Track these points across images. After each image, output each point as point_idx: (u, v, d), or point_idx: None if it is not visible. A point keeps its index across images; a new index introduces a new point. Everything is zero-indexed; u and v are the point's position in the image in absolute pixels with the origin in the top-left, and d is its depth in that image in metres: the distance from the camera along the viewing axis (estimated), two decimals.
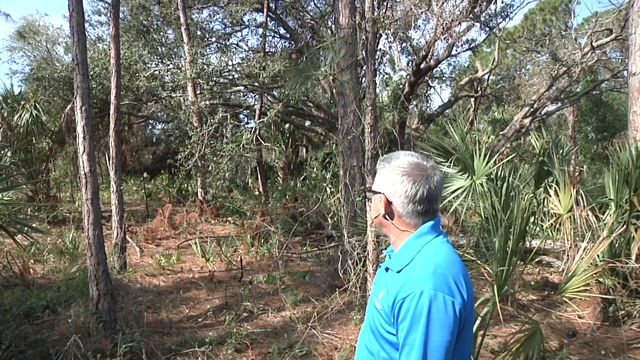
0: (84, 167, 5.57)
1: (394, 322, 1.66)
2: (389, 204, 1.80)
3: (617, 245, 5.18)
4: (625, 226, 5.07)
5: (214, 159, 12.10)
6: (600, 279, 5.16)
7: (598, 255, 4.71)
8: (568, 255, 4.82)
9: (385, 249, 2.01)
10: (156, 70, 14.13)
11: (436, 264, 1.66)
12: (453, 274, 1.67)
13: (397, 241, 1.83)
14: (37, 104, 11.74)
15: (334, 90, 12.88)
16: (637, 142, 6.39)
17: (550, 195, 5.23)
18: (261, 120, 13.01)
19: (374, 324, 1.76)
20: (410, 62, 16.89)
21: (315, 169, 17.07)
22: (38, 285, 7.18)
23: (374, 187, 1.86)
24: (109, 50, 9.81)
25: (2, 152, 11.07)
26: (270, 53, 15.69)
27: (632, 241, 5.12)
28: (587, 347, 5.15)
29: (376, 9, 10.86)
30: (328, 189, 10.57)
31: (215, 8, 15.66)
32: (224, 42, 15.80)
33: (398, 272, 1.72)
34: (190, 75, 12.09)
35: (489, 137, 18.06)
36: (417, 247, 1.74)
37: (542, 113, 16.75)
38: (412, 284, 1.62)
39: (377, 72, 16.09)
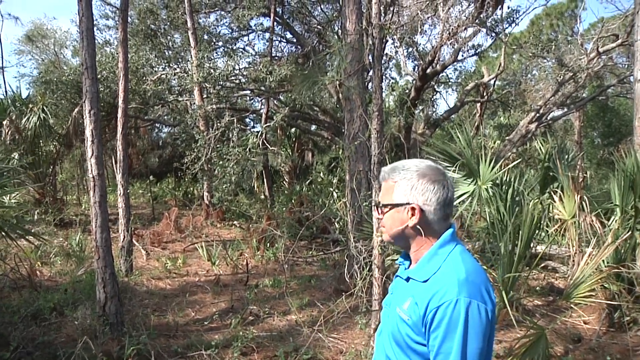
0: (92, 170, 5.62)
1: (424, 332, 1.67)
2: (422, 213, 1.79)
3: (622, 251, 5.19)
4: (630, 232, 5.08)
5: (220, 162, 12.14)
6: (606, 285, 5.16)
7: (603, 261, 4.72)
8: (573, 261, 4.83)
9: (395, 255, 2.03)
10: (163, 74, 14.21)
11: (467, 272, 1.68)
12: (482, 281, 1.69)
13: (420, 251, 1.82)
14: (44, 107, 11.82)
15: (340, 95, 12.91)
16: None
17: (555, 201, 5.25)
18: (267, 124, 13.06)
19: (399, 335, 1.74)
20: (417, 67, 16.91)
21: (321, 174, 17.09)
22: (45, 288, 7.23)
23: (395, 199, 1.82)
24: (117, 54, 9.89)
25: (10, 154, 11.15)
26: (276, 57, 15.74)
27: (637, 247, 5.13)
28: (592, 353, 5.15)
29: (383, 15, 10.89)
30: (334, 194, 10.61)
31: (222, 12, 15.73)
32: (230, 47, 15.86)
33: (424, 281, 1.72)
34: (197, 79, 12.14)
35: (494, 142, 18.05)
36: (443, 256, 1.75)
37: (548, 118, 16.73)
38: (445, 292, 1.63)
39: (384, 78, 16.14)
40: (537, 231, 4.32)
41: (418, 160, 1.86)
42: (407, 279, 1.82)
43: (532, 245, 4.26)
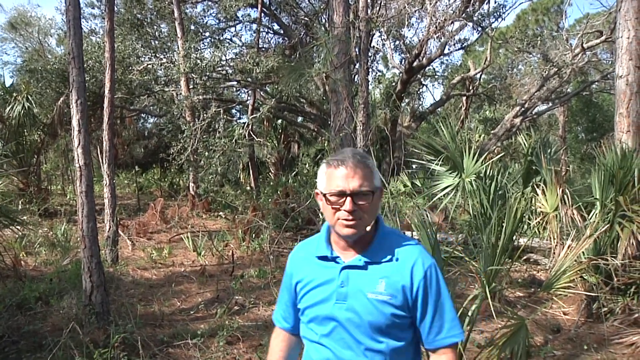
0: (78, 160, 5.61)
1: (410, 302, 1.83)
2: None
3: (601, 243, 5.30)
4: (609, 225, 5.19)
5: (206, 153, 12.15)
6: (585, 277, 5.28)
7: (583, 253, 4.83)
8: (554, 253, 4.93)
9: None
10: (149, 64, 14.14)
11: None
12: None
13: (368, 234, 1.90)
14: (29, 96, 11.72)
15: (326, 87, 12.95)
16: (623, 143, 6.52)
17: (537, 194, 5.35)
18: (254, 115, 13.07)
19: (382, 318, 1.81)
20: (403, 60, 17.00)
21: (307, 165, 17.12)
22: (30, 277, 7.20)
23: (377, 183, 1.85)
24: (103, 44, 9.82)
25: None
26: (263, 49, 15.75)
27: (617, 240, 5.24)
28: (571, 343, 5.28)
29: (370, 7, 10.91)
30: None
31: (210, 3, 15.70)
32: (217, 37, 15.83)
33: (389, 260, 1.86)
34: (184, 69, 12.10)
35: (480, 136, 18.20)
36: (391, 235, 1.93)
37: (533, 113, 16.91)
38: (423, 259, 1.86)
39: (370, 70, 16.20)
40: (520, 224, 4.39)
41: (350, 149, 1.97)
42: (365, 266, 1.86)
43: (514, 238, 4.34)
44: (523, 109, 15.84)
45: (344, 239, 1.87)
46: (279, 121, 18.39)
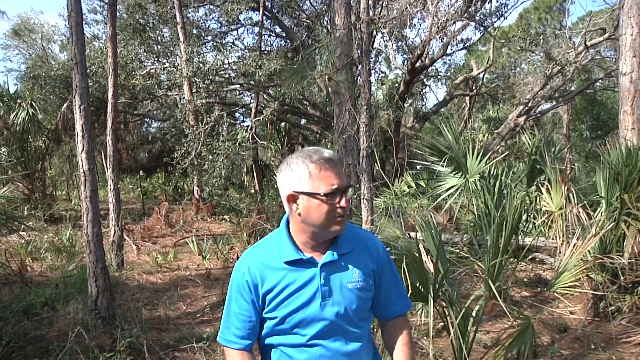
0: (83, 165, 5.62)
1: (377, 280, 2.03)
2: None
3: (606, 242, 5.27)
4: (615, 223, 5.16)
5: (210, 157, 12.16)
6: (591, 275, 5.26)
7: (588, 252, 4.81)
8: (560, 252, 4.91)
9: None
10: (152, 69, 14.18)
11: None
12: None
13: None
14: (33, 103, 11.76)
15: (329, 89, 12.95)
16: (627, 141, 6.50)
17: (542, 193, 5.33)
18: (257, 118, 13.08)
19: (362, 304, 1.96)
20: (406, 61, 16.98)
21: None
22: (36, 283, 7.21)
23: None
24: (106, 49, 9.85)
25: None
26: (266, 52, 15.75)
27: (623, 238, 5.22)
28: (578, 342, 5.25)
29: (372, 8, 10.92)
30: None
31: (212, 6, 15.70)
32: (220, 41, 15.84)
33: (353, 250, 1.98)
34: (187, 73, 12.12)
35: (483, 136, 18.17)
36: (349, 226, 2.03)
37: (537, 112, 16.88)
38: (377, 243, 2.08)
39: (373, 71, 16.20)
40: (521, 222, 4.38)
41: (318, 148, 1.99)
42: (339, 259, 1.94)
43: (518, 236, 4.32)
44: (527, 107, 15.82)
45: (325, 237, 1.93)
46: (283, 124, 18.42)
